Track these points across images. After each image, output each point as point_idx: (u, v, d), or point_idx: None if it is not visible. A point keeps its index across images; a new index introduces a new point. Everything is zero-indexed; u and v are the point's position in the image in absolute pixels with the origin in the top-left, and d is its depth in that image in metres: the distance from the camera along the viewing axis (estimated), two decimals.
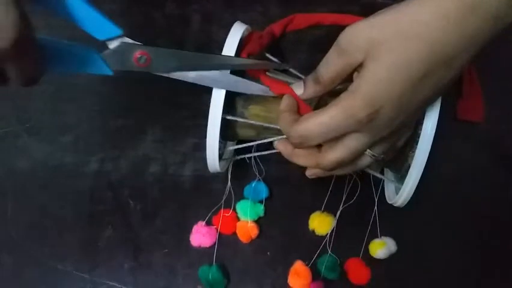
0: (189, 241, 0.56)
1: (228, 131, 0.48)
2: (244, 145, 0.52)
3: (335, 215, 0.56)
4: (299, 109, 0.43)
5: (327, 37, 0.59)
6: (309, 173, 0.45)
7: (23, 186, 0.57)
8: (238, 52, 0.46)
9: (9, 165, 0.58)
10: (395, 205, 0.50)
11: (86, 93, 0.60)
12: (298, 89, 0.42)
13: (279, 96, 0.44)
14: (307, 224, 0.57)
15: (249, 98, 0.48)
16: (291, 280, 0.55)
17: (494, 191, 0.58)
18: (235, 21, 0.47)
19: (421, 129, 0.44)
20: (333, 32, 0.40)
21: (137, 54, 0.41)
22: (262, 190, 0.57)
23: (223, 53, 0.45)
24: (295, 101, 0.43)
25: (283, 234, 0.57)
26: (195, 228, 0.56)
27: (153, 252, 0.56)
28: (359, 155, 0.41)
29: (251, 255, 0.56)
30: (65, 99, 0.60)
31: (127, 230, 0.57)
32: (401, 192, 0.48)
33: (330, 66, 0.39)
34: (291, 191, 0.58)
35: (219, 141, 0.46)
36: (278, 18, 0.57)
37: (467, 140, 0.59)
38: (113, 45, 0.41)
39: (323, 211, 0.57)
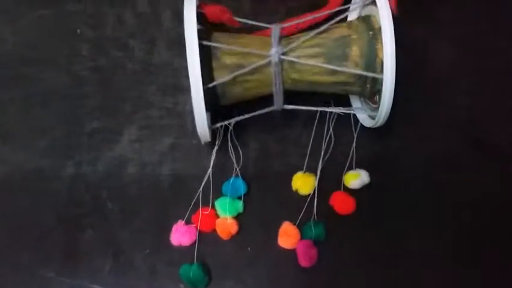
0: (169, 240, 0.56)
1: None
2: (234, 119, 0.54)
3: (316, 174, 0.58)
4: None
5: None
6: None
7: (0, 192, 0.57)
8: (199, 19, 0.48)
9: None
10: (375, 126, 0.54)
11: (55, 97, 0.60)
12: None
13: None
14: (286, 216, 0.57)
15: (217, 51, 0.50)
16: (280, 240, 0.56)
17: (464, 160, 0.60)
18: None
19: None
20: None
21: None
22: (240, 186, 0.57)
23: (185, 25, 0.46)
24: None
25: (263, 229, 0.57)
26: (175, 227, 0.56)
27: (134, 253, 0.56)
28: None
29: (232, 251, 0.56)
30: (36, 105, 0.59)
31: (106, 232, 0.56)
32: (380, 109, 0.50)
33: None
34: (269, 187, 0.58)
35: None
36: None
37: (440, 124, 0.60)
38: None
39: (305, 172, 0.58)
